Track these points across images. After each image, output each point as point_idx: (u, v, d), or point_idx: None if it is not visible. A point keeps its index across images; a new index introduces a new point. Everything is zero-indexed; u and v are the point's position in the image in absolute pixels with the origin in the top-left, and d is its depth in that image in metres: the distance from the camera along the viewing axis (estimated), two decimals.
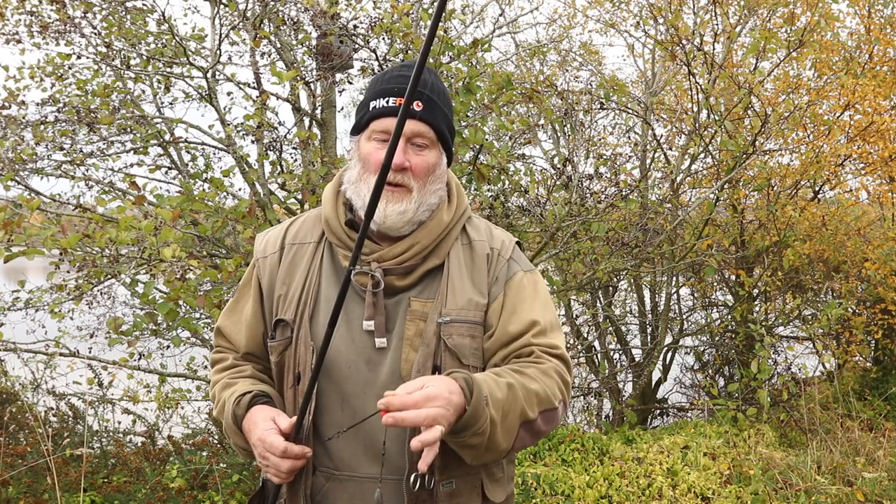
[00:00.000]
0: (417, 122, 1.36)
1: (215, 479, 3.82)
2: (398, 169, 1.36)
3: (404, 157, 1.36)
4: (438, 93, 1.41)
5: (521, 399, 1.26)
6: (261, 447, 1.30)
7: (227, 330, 1.54)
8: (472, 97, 3.72)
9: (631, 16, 7.34)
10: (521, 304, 1.41)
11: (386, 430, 1.33)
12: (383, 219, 1.37)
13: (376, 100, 1.39)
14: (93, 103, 4.32)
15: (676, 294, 7.35)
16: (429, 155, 1.40)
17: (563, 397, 1.34)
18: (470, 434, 1.19)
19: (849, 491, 3.89)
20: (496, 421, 1.21)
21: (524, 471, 4.26)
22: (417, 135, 1.37)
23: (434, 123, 1.39)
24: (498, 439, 1.24)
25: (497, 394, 1.22)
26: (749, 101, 5.26)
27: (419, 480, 1.30)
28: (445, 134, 1.42)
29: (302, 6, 4.26)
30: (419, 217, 1.40)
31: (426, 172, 1.39)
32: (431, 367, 1.35)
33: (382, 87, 1.40)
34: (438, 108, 1.40)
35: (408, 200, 1.37)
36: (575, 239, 4.86)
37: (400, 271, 1.40)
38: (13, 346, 4.37)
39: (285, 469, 1.29)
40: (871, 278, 6.28)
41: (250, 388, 1.41)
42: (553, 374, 1.34)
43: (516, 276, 1.45)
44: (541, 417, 1.29)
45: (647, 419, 7.23)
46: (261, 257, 1.52)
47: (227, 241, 4.03)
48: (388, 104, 1.37)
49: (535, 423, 1.29)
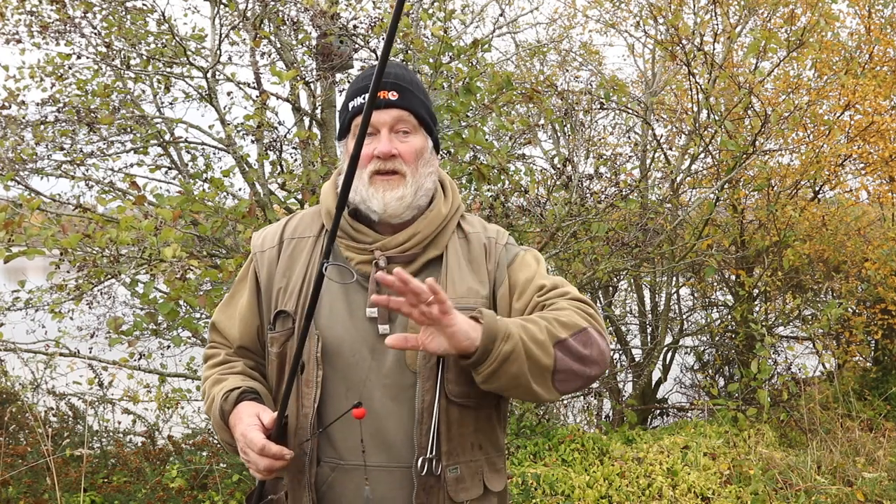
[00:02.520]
0: (396, 108, 1.40)
1: (215, 479, 3.82)
2: (387, 157, 1.39)
3: (391, 146, 1.39)
4: (410, 82, 1.44)
5: (541, 324, 1.28)
6: (242, 442, 1.32)
7: (222, 325, 1.55)
8: (472, 97, 3.72)
9: (631, 16, 7.34)
10: (527, 280, 1.44)
11: (391, 420, 1.36)
12: (384, 207, 1.40)
13: (353, 99, 1.44)
14: (93, 103, 4.32)
15: (676, 294, 7.35)
16: (414, 140, 1.43)
17: (589, 324, 1.34)
18: (501, 340, 1.21)
19: (849, 491, 3.89)
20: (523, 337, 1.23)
21: (524, 471, 4.26)
22: (398, 120, 1.41)
23: (412, 108, 1.42)
24: (536, 354, 1.24)
25: (511, 320, 1.27)
26: (749, 101, 5.26)
27: (426, 465, 1.32)
28: (426, 118, 1.45)
29: (302, 6, 4.26)
30: (418, 201, 1.43)
31: (415, 156, 1.42)
32: None
33: (358, 86, 1.44)
34: (413, 95, 1.43)
35: (403, 186, 1.40)
36: (575, 239, 4.86)
37: (402, 259, 1.43)
38: (13, 346, 4.37)
39: (262, 467, 1.29)
40: (871, 278, 6.28)
41: (239, 384, 1.42)
42: (568, 308, 1.36)
43: (518, 256, 1.49)
44: (573, 339, 1.30)
45: (647, 419, 7.23)
46: (258, 252, 1.53)
47: (228, 241, 4.03)
48: (365, 100, 1.40)
49: (569, 343, 1.29)
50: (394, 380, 1.37)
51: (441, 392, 1.35)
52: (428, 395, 1.34)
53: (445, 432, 1.36)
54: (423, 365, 1.36)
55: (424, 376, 1.35)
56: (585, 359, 1.31)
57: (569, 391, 1.35)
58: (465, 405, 1.38)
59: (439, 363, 1.35)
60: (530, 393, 1.28)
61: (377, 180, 1.40)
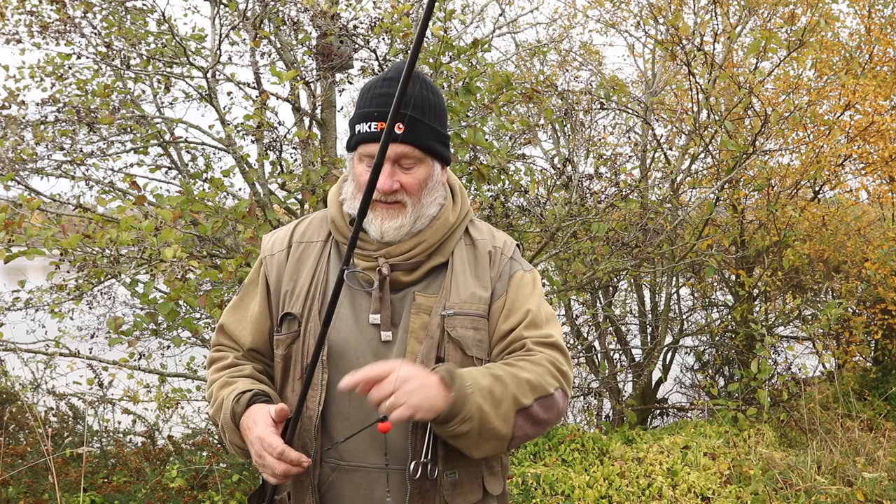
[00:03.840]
0: (401, 145, 1.38)
1: (215, 479, 3.82)
2: (388, 193, 1.39)
3: (392, 180, 1.39)
4: (422, 105, 1.40)
5: (511, 387, 1.29)
6: (258, 445, 1.31)
7: (231, 327, 1.54)
8: (472, 97, 3.72)
9: (631, 16, 7.34)
10: (518, 301, 1.45)
11: None
12: (381, 234, 1.42)
13: (360, 123, 1.41)
14: (93, 103, 4.32)
15: (676, 294, 7.35)
16: (418, 171, 1.42)
17: (559, 385, 1.37)
18: (458, 422, 1.24)
19: (849, 491, 3.89)
20: (485, 409, 1.25)
21: (524, 471, 4.26)
22: (402, 156, 1.40)
23: (417, 142, 1.39)
24: (495, 426, 1.27)
25: (482, 382, 1.27)
26: (749, 101, 5.26)
27: (420, 468, 1.33)
28: (433, 147, 1.43)
29: (302, 6, 4.26)
30: (417, 228, 1.44)
31: (418, 188, 1.42)
32: (435, 357, 1.38)
33: (364, 111, 1.41)
34: (422, 124, 1.39)
35: (403, 216, 1.41)
36: (575, 239, 4.86)
37: (406, 267, 1.44)
38: (13, 346, 4.37)
39: (280, 471, 1.29)
40: (871, 278, 6.28)
41: (250, 386, 1.42)
42: (544, 363, 1.37)
43: (517, 275, 1.49)
44: (537, 404, 1.32)
45: (647, 419, 7.23)
46: (268, 255, 1.55)
47: (228, 241, 4.03)
48: (371, 129, 1.38)
49: (532, 410, 1.31)
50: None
51: None
52: None
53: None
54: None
55: None
56: (541, 423, 1.35)
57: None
58: None
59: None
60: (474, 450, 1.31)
61: (378, 207, 1.41)
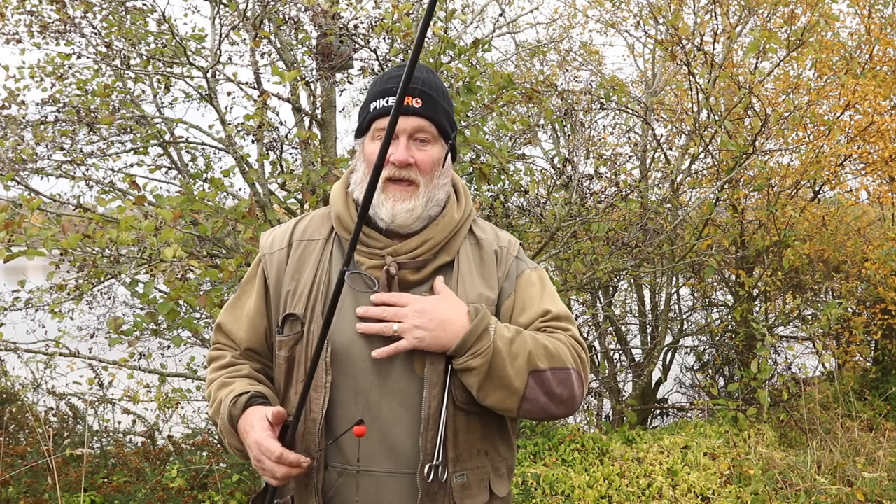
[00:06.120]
0: (418, 117, 1.38)
1: (215, 479, 3.82)
2: (403, 165, 1.38)
3: (408, 154, 1.38)
4: (436, 89, 1.43)
5: (529, 345, 1.32)
6: (256, 450, 1.30)
7: (228, 326, 1.53)
8: (472, 97, 3.72)
9: (631, 16, 7.34)
10: (530, 299, 1.45)
11: (399, 426, 1.35)
12: (392, 217, 1.39)
13: (376, 100, 1.42)
14: (93, 103, 4.32)
15: (676, 294, 7.35)
16: (432, 150, 1.42)
17: (576, 367, 1.37)
18: (471, 355, 1.27)
19: (849, 491, 3.89)
20: (501, 353, 1.28)
21: (524, 471, 4.26)
22: (419, 129, 1.40)
23: (434, 118, 1.40)
24: (507, 375, 1.29)
25: (505, 332, 1.31)
26: (749, 101, 5.26)
27: (433, 472, 1.32)
28: (447, 128, 1.43)
29: (302, 6, 4.26)
30: (428, 212, 1.43)
31: (431, 167, 1.41)
32: (443, 358, 1.37)
33: (382, 88, 1.42)
34: (437, 103, 1.42)
35: (415, 197, 1.40)
36: (575, 239, 4.86)
37: (413, 266, 1.42)
38: (13, 346, 4.36)
39: (280, 475, 1.29)
40: (871, 278, 6.28)
41: (247, 388, 1.40)
42: (564, 342, 1.38)
43: (524, 273, 1.49)
44: (552, 373, 1.33)
45: (647, 419, 7.23)
46: (267, 253, 1.52)
47: (228, 241, 4.02)
48: (388, 103, 1.39)
49: (546, 376, 1.32)
50: (401, 386, 1.36)
51: (449, 398, 1.34)
52: (434, 402, 1.34)
53: (452, 439, 1.35)
54: (430, 371, 1.35)
55: (431, 383, 1.34)
56: (555, 398, 1.34)
57: (530, 419, 1.40)
58: (472, 412, 1.38)
59: (447, 370, 1.35)
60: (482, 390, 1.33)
61: (390, 187, 1.39)
